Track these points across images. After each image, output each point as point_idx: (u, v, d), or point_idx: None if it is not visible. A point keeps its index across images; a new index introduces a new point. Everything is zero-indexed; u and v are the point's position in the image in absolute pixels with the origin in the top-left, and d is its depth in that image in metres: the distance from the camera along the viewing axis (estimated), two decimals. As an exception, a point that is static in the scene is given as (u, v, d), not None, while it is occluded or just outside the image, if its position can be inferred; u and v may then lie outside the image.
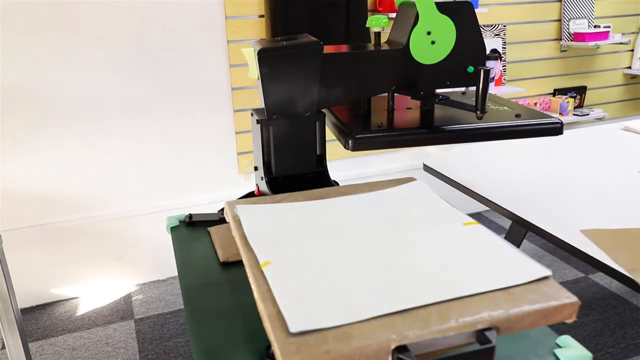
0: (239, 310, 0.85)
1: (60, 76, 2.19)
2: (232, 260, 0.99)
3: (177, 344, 2.12)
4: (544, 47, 3.04)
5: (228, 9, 2.35)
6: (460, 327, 0.60)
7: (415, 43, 1.02)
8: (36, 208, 2.31)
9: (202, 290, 0.93)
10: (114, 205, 2.44)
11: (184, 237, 1.13)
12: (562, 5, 2.98)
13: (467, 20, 1.03)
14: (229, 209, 0.89)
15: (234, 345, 0.77)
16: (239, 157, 2.57)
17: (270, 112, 1.02)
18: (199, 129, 2.46)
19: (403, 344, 0.58)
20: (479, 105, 1.04)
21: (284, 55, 0.99)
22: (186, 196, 2.52)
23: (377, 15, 1.09)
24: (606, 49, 3.20)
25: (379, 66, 1.06)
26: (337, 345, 0.57)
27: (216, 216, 1.19)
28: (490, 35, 2.86)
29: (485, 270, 0.69)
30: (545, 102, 3.12)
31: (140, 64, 2.29)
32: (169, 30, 2.29)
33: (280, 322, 0.60)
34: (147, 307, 2.37)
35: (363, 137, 1.01)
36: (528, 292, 0.66)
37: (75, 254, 2.43)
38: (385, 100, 1.15)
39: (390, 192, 0.95)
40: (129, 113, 2.33)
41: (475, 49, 1.04)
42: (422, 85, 1.07)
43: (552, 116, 1.09)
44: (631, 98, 3.43)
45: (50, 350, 2.10)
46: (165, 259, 2.59)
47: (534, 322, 0.64)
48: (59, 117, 2.23)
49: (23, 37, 2.10)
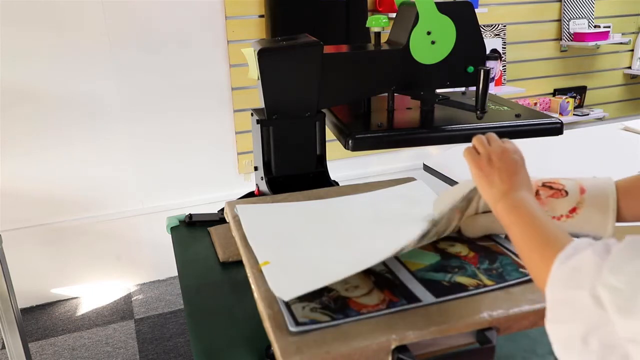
0: (239, 310, 0.85)
1: (61, 76, 2.19)
2: (232, 260, 0.99)
3: (177, 344, 2.12)
4: (543, 47, 3.04)
5: (228, 9, 2.35)
6: (460, 327, 0.60)
7: (415, 43, 1.02)
8: (36, 208, 2.31)
9: (202, 290, 0.93)
10: (114, 205, 2.43)
11: (184, 237, 1.13)
12: (562, 6, 2.98)
13: (467, 21, 1.03)
14: (229, 209, 0.89)
15: (234, 345, 0.77)
16: (239, 157, 2.57)
17: (270, 112, 1.02)
18: (199, 129, 2.46)
19: (403, 343, 0.58)
20: (479, 105, 1.04)
21: (284, 55, 0.99)
22: (186, 196, 2.52)
23: (377, 15, 1.09)
24: (606, 49, 3.20)
25: (379, 66, 1.06)
26: (337, 345, 0.57)
27: (216, 216, 1.19)
28: (490, 36, 2.86)
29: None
30: (545, 102, 3.12)
31: (141, 64, 2.28)
32: (169, 30, 2.29)
33: (281, 322, 0.60)
34: (147, 307, 2.37)
35: (363, 137, 1.01)
36: (528, 292, 0.66)
37: (76, 254, 2.43)
38: (385, 100, 1.15)
39: (390, 192, 0.95)
40: (129, 113, 2.33)
41: (475, 49, 1.04)
42: (422, 85, 1.07)
43: (552, 116, 1.09)
44: (631, 98, 3.42)
45: (50, 350, 2.10)
46: (165, 259, 2.58)
47: (533, 322, 0.64)
48: (60, 117, 2.23)
49: (24, 38, 2.10)
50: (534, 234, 0.57)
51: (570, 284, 0.48)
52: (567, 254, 0.51)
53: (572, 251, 0.51)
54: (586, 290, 0.46)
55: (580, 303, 0.47)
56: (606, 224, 0.70)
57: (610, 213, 0.69)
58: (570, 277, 0.49)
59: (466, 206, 0.75)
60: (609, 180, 0.71)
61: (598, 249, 0.49)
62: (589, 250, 0.49)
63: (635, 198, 0.69)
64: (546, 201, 0.72)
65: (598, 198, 0.70)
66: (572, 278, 0.49)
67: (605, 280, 0.45)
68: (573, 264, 0.49)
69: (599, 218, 0.70)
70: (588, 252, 0.49)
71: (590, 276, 0.47)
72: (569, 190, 0.72)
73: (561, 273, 0.50)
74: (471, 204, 0.76)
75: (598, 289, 0.46)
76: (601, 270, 0.46)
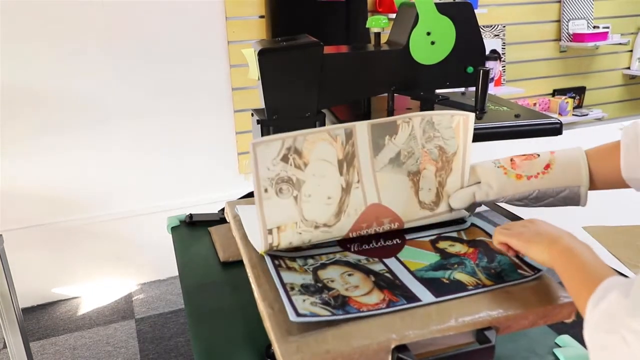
0: (239, 310, 0.85)
1: (61, 77, 2.19)
2: (233, 260, 0.99)
3: (178, 343, 2.12)
4: (543, 48, 3.04)
5: (228, 10, 2.35)
6: (459, 326, 0.60)
7: (415, 43, 1.02)
8: (37, 208, 2.32)
9: (202, 290, 0.93)
10: (115, 206, 2.44)
11: (185, 237, 1.14)
12: (562, 6, 2.98)
13: (467, 21, 1.03)
14: (230, 209, 0.90)
15: (234, 345, 0.77)
16: (239, 157, 2.58)
17: (271, 112, 1.02)
18: (200, 129, 2.46)
19: (403, 343, 0.58)
20: (478, 106, 1.04)
21: (285, 56, 0.99)
22: (187, 196, 2.53)
23: (377, 16, 1.09)
24: (605, 50, 3.20)
25: (378, 66, 1.06)
26: (337, 345, 0.57)
27: (217, 216, 1.19)
28: (490, 36, 2.87)
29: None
30: (545, 103, 3.12)
31: (141, 65, 2.29)
32: (169, 31, 2.29)
33: (281, 322, 0.61)
34: (148, 307, 2.37)
35: (363, 138, 1.01)
36: (527, 292, 0.66)
37: (76, 254, 2.43)
38: (385, 101, 1.15)
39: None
40: (130, 113, 2.33)
41: (475, 49, 1.05)
42: (422, 85, 1.07)
43: (551, 116, 1.10)
44: (630, 98, 3.43)
45: (52, 349, 2.10)
46: (165, 259, 2.57)
47: (533, 322, 0.64)
48: (60, 118, 2.23)
49: (24, 39, 2.10)
50: (575, 274, 0.59)
51: (603, 328, 0.50)
52: (598, 297, 0.52)
53: (602, 293, 0.52)
54: (618, 334, 0.48)
55: (613, 348, 0.49)
56: (580, 174, 0.75)
57: (582, 167, 0.75)
58: (602, 322, 0.51)
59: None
60: (578, 148, 0.78)
61: (624, 289, 0.50)
62: (615, 293, 0.51)
63: (606, 165, 0.75)
64: (521, 164, 0.78)
65: (569, 157, 0.77)
66: (604, 322, 0.50)
67: (629, 326, 0.47)
68: (603, 308, 0.51)
69: (572, 169, 0.76)
70: (614, 294, 0.51)
71: (618, 320, 0.49)
72: (540, 155, 0.79)
73: (594, 318, 0.52)
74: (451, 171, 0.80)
75: (624, 333, 0.47)
76: (627, 314, 0.48)
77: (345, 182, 0.74)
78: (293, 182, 0.71)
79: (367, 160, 0.75)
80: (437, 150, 0.79)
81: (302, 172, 0.71)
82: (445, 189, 0.81)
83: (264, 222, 0.71)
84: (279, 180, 0.70)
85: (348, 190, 0.75)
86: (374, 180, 0.76)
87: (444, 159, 0.79)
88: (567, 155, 0.77)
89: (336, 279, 0.68)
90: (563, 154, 0.78)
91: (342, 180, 0.74)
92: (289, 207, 0.72)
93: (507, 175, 0.78)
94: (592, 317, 0.52)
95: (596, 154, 0.77)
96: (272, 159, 0.69)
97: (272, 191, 0.71)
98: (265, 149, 0.69)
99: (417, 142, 0.77)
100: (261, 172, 0.69)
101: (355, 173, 0.75)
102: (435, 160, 0.79)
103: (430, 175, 0.79)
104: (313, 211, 0.73)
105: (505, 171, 0.78)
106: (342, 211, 0.75)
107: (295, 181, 0.71)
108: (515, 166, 0.78)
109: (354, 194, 0.75)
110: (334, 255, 0.75)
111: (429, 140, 0.78)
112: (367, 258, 0.74)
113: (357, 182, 0.75)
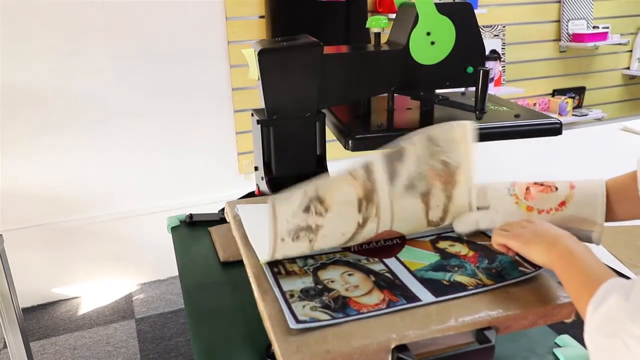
0: (239, 310, 0.85)
1: (61, 77, 2.19)
2: (233, 260, 0.99)
3: (178, 343, 2.12)
4: (543, 48, 3.04)
5: (228, 10, 2.35)
6: (459, 326, 0.61)
7: (415, 44, 1.02)
8: (37, 208, 2.32)
9: (202, 290, 0.93)
10: (115, 206, 2.44)
11: (185, 237, 1.14)
12: (561, 6, 2.98)
13: (467, 21, 1.03)
14: (230, 208, 0.90)
15: (234, 345, 0.77)
16: (239, 157, 2.58)
17: (271, 112, 1.02)
18: (200, 129, 2.47)
19: (403, 343, 0.58)
20: (478, 106, 1.04)
21: (284, 56, 0.99)
22: (187, 196, 2.53)
23: (377, 16, 1.09)
24: (605, 50, 3.20)
25: (379, 67, 1.06)
26: (337, 345, 0.57)
27: (217, 216, 1.19)
28: (490, 36, 2.87)
29: None
30: (544, 103, 3.12)
31: (141, 65, 2.29)
32: (169, 31, 2.29)
33: (281, 322, 0.61)
34: (148, 307, 2.37)
35: (363, 137, 1.01)
36: (527, 291, 0.66)
37: (77, 254, 2.43)
38: (385, 101, 1.15)
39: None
40: (130, 113, 2.33)
41: (475, 49, 1.05)
42: (422, 85, 1.07)
43: (551, 116, 1.09)
44: (630, 98, 3.43)
45: (52, 349, 2.10)
46: (165, 259, 2.57)
47: (533, 322, 0.64)
48: (60, 118, 2.23)
49: (24, 39, 2.10)
50: (574, 277, 0.59)
51: (603, 331, 0.50)
52: (598, 300, 0.52)
53: (602, 296, 0.52)
54: (619, 339, 0.48)
55: (614, 352, 0.49)
56: (595, 219, 0.72)
57: (599, 208, 0.71)
58: (603, 325, 0.51)
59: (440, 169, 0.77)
60: (600, 180, 0.73)
61: (624, 292, 0.50)
62: (615, 296, 0.50)
63: (626, 196, 0.71)
64: (536, 196, 0.75)
65: (587, 194, 0.73)
66: (604, 326, 0.50)
67: (629, 331, 0.47)
68: (604, 311, 0.51)
69: (587, 212, 0.72)
70: (614, 297, 0.50)
71: (618, 324, 0.49)
72: (558, 187, 0.75)
73: (594, 321, 0.52)
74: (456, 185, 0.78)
75: (625, 338, 0.47)
76: (627, 318, 0.48)
77: (363, 219, 0.73)
78: (312, 229, 0.70)
79: (385, 193, 0.73)
80: (441, 164, 0.77)
81: (322, 218, 0.70)
82: (452, 202, 0.79)
83: (272, 256, 0.71)
84: (298, 230, 0.69)
85: (364, 225, 0.73)
86: (390, 211, 0.74)
87: (449, 172, 0.77)
88: (585, 193, 0.73)
89: (336, 279, 0.69)
90: (581, 192, 0.74)
91: (359, 218, 0.72)
92: (303, 247, 0.71)
93: (517, 205, 0.76)
94: (593, 321, 0.52)
95: (619, 187, 0.73)
96: (293, 212, 0.68)
97: (289, 239, 0.69)
98: (285, 204, 0.68)
99: (422, 161, 0.76)
100: (279, 227, 0.68)
101: (374, 208, 0.73)
102: (440, 175, 0.77)
103: (438, 192, 0.77)
104: (324, 244, 0.73)
105: (516, 200, 0.76)
106: (352, 239, 0.74)
107: (314, 228, 0.70)
108: (529, 197, 0.75)
109: (368, 227, 0.74)
110: (334, 255, 0.75)
111: (432, 156, 0.76)
112: (367, 258, 0.74)
113: (374, 215, 0.73)
